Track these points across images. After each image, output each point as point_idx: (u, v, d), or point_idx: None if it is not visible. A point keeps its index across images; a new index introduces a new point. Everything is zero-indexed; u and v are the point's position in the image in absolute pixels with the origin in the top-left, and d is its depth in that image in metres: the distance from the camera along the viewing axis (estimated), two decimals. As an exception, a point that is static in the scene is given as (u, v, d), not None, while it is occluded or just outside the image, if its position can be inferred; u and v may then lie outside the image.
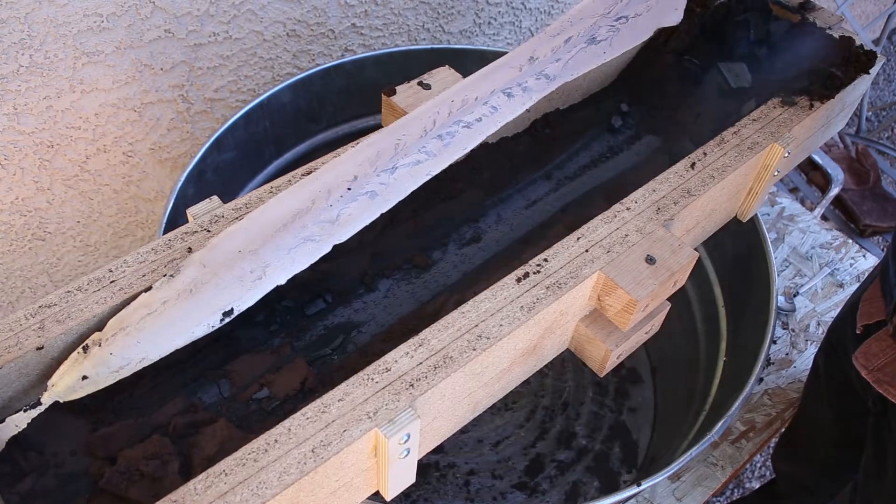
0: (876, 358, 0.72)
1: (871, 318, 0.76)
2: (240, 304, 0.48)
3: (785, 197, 1.21)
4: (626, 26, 0.65)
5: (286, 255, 0.49)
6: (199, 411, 0.47)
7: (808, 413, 0.97)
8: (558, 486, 1.01)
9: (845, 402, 0.88)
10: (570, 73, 0.62)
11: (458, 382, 0.47)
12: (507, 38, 1.33)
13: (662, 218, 0.57)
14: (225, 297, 0.47)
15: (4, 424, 0.42)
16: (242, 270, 0.48)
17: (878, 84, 2.53)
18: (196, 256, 0.47)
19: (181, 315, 0.46)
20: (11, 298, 1.12)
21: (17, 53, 0.84)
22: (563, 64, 0.61)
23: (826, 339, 0.93)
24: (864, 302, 0.78)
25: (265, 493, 0.39)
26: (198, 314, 0.47)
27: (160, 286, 0.46)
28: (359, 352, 0.52)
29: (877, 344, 0.73)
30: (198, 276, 0.47)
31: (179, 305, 0.46)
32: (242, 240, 0.48)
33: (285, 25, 1.02)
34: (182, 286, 0.46)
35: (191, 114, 1.03)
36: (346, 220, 0.51)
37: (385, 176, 0.53)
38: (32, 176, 0.97)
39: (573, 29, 0.62)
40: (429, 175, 0.55)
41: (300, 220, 0.50)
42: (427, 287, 0.57)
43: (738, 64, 0.75)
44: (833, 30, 0.77)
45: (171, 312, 0.46)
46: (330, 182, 0.52)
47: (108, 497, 0.41)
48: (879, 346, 0.72)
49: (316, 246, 0.50)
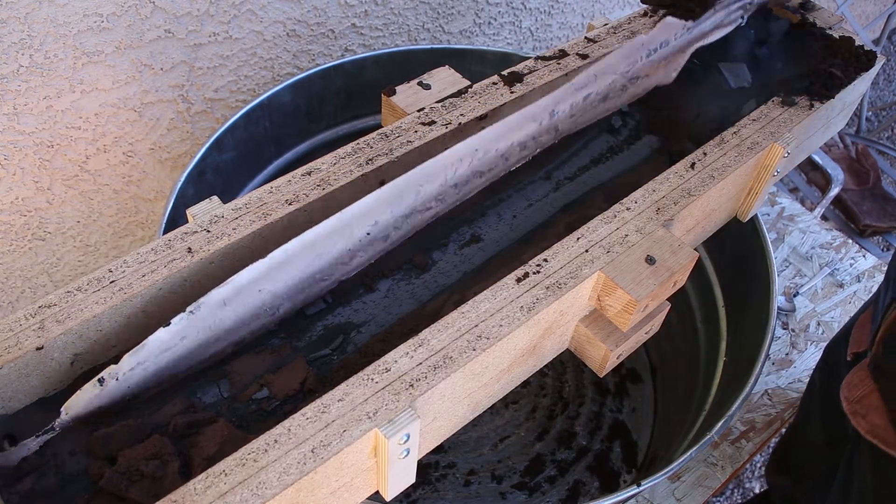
0: (855, 389, 0.71)
1: (859, 346, 0.75)
2: (251, 336, 0.50)
3: (785, 197, 1.21)
4: (633, 86, 0.67)
5: (300, 295, 0.51)
6: (199, 411, 0.47)
7: (802, 430, 0.96)
8: (558, 486, 1.01)
9: (837, 425, 0.86)
10: (575, 127, 0.64)
11: (457, 382, 0.47)
12: (507, 38, 1.33)
13: (662, 218, 0.57)
14: (242, 332, 0.49)
15: (17, 448, 0.42)
16: (261, 309, 0.50)
17: (878, 84, 2.53)
18: (217, 295, 0.47)
19: (200, 351, 0.48)
20: (11, 298, 1.12)
21: (17, 53, 0.84)
22: (574, 120, 0.63)
23: (822, 358, 0.92)
24: (856, 328, 0.77)
25: (265, 493, 0.39)
26: (215, 348, 0.48)
27: (179, 322, 0.46)
28: (358, 352, 0.52)
29: (857, 375, 0.72)
30: (218, 313, 0.47)
31: (198, 341, 0.47)
32: (264, 279, 0.49)
33: (285, 25, 1.02)
34: (202, 323, 0.47)
35: (191, 114, 1.03)
36: (357, 263, 0.54)
37: (401, 220, 0.54)
38: (32, 176, 0.97)
39: (595, 85, 0.63)
40: (435, 217, 0.57)
41: (319, 263, 0.51)
42: (427, 287, 0.57)
43: (738, 64, 0.75)
44: (833, 30, 0.77)
45: (189, 348, 0.47)
46: (353, 225, 0.52)
47: (108, 497, 0.41)
48: (859, 377, 0.71)
49: (327, 284, 0.53)
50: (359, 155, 0.58)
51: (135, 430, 0.44)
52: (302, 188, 0.55)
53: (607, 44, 0.71)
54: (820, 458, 0.94)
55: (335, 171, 0.56)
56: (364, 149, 0.58)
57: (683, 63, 0.69)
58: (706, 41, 0.70)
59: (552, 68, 0.67)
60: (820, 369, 0.91)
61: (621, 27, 0.74)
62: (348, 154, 0.58)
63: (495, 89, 0.65)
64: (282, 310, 0.51)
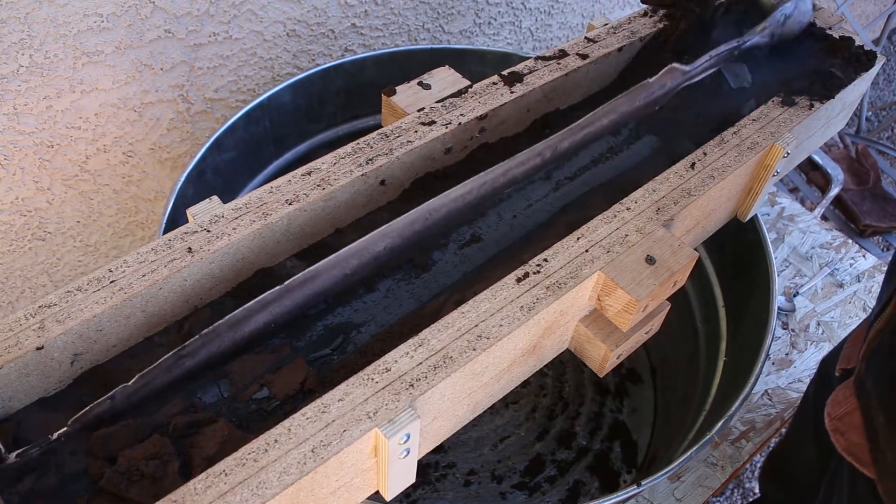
0: (839, 406, 0.70)
1: (848, 361, 0.74)
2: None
3: (785, 197, 1.21)
4: (626, 128, 0.69)
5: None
6: (199, 411, 0.47)
7: (795, 441, 0.96)
8: (558, 486, 1.01)
9: (827, 439, 0.83)
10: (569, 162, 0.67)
11: (457, 382, 0.47)
12: (507, 38, 1.33)
13: (662, 218, 0.57)
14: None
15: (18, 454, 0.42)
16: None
17: (878, 84, 2.53)
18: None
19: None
20: (11, 298, 1.12)
21: (17, 53, 0.84)
22: (570, 154, 0.66)
23: (818, 370, 0.91)
24: (849, 342, 0.76)
25: (265, 493, 0.39)
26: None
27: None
28: (359, 352, 0.52)
29: (842, 392, 0.71)
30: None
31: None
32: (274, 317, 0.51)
33: (285, 25, 1.02)
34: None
35: (191, 114, 1.03)
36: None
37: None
38: (32, 176, 0.97)
39: (596, 125, 0.65)
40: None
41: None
42: (427, 287, 0.57)
43: (739, 64, 0.75)
44: (833, 30, 0.77)
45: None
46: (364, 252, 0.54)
47: (108, 497, 0.41)
48: (844, 395, 0.70)
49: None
50: (359, 155, 0.58)
51: (135, 430, 0.44)
52: (302, 188, 0.55)
53: (607, 44, 0.71)
54: (811, 470, 0.94)
55: (335, 170, 0.56)
56: (364, 149, 0.58)
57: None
58: (694, 80, 0.72)
59: (552, 68, 0.67)
60: (815, 382, 0.91)
61: (621, 27, 0.74)
62: (348, 154, 0.58)
63: (495, 89, 0.65)
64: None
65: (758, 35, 0.71)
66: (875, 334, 0.67)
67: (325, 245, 0.57)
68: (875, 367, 0.66)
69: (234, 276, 0.53)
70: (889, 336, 0.65)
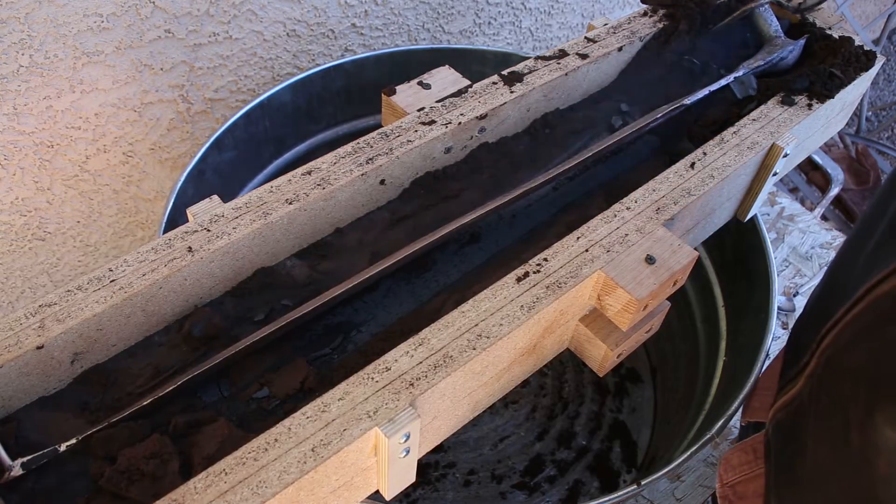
0: (733, 472, 0.60)
1: (753, 414, 0.63)
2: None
3: (785, 197, 1.21)
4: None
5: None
6: (200, 410, 0.47)
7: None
8: (558, 486, 1.01)
9: None
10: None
11: (458, 382, 0.47)
12: (507, 38, 1.33)
13: (662, 218, 0.57)
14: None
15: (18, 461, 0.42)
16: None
17: (878, 84, 2.53)
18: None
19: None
20: (11, 298, 1.12)
21: (17, 53, 0.84)
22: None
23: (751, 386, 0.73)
24: (759, 390, 0.64)
25: (265, 492, 0.39)
26: None
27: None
28: (358, 351, 0.52)
29: (739, 454, 0.60)
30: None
31: None
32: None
33: (285, 25, 1.02)
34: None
35: (191, 114, 1.03)
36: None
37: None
38: (32, 176, 0.97)
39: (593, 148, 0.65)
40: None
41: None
42: (427, 286, 0.57)
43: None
44: (833, 30, 0.77)
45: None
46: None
47: (108, 496, 0.41)
48: (741, 458, 0.60)
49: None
50: (359, 154, 0.58)
51: (135, 430, 0.44)
52: (302, 187, 0.55)
53: (607, 44, 0.71)
54: None
55: (335, 170, 0.56)
56: (364, 148, 0.58)
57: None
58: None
59: (552, 68, 0.67)
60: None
61: (621, 27, 0.74)
62: (348, 153, 0.58)
63: (495, 89, 0.65)
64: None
65: (751, 69, 0.72)
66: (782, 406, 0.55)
67: (325, 244, 0.57)
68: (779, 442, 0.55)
69: (234, 275, 0.53)
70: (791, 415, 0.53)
